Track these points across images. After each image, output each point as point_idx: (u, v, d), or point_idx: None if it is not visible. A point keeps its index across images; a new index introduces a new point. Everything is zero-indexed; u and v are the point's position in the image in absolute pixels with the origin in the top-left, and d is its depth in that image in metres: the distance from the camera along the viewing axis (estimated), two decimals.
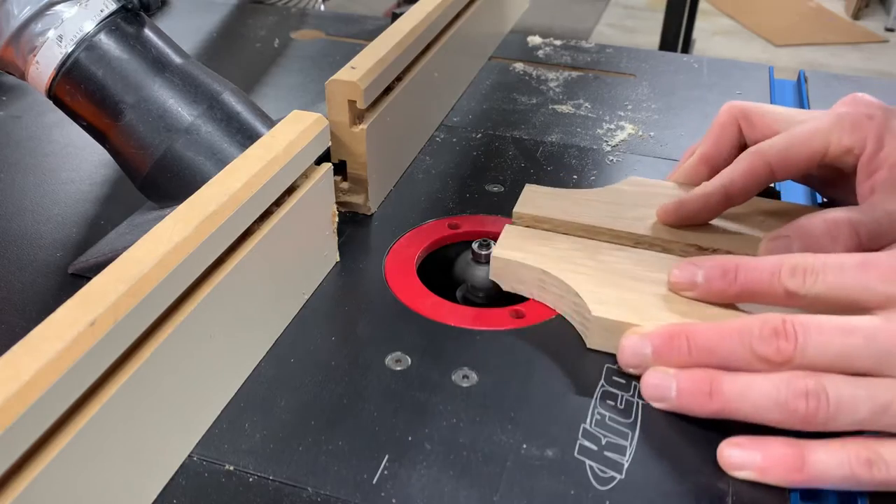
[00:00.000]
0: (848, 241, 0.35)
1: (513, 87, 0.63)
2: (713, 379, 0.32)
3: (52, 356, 0.24)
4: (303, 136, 0.38)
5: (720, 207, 0.40)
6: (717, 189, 0.39)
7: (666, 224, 0.41)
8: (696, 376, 0.32)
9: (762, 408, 0.30)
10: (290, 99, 0.62)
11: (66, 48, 0.39)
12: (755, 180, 0.39)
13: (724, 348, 0.32)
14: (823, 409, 0.30)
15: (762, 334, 0.31)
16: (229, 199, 0.33)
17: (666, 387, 0.33)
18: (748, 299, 0.35)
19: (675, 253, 0.40)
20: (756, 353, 0.31)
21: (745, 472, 0.30)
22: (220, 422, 0.33)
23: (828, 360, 0.30)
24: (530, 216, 0.42)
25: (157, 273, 0.28)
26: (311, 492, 0.30)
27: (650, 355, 0.34)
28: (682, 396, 0.32)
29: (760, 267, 0.34)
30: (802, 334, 0.31)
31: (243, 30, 0.75)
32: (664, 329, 0.34)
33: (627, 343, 0.34)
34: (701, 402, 0.32)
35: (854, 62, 2.58)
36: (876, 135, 0.37)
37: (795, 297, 0.33)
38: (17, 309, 0.39)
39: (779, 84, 0.65)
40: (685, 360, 0.33)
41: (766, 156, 0.39)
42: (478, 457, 0.32)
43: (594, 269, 0.38)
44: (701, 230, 0.41)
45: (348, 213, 0.47)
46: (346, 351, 0.37)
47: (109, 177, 0.51)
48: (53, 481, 0.24)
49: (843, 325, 0.31)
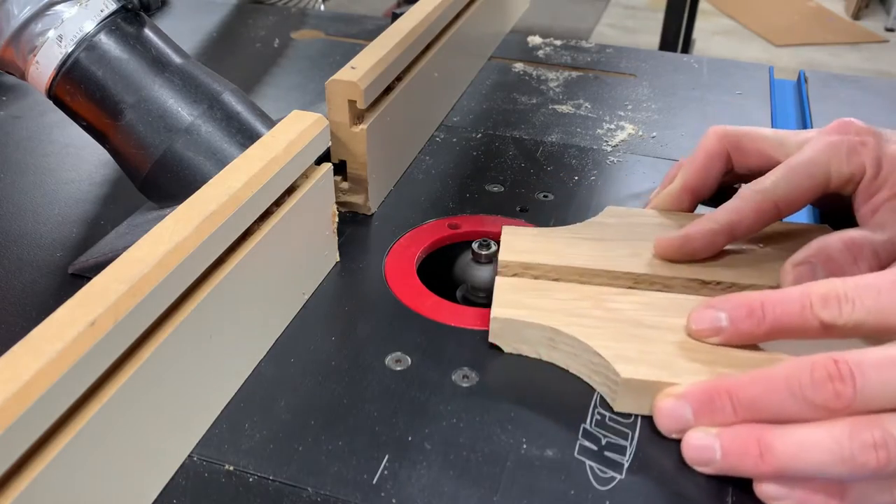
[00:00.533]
0: (870, 261, 0.34)
1: (513, 87, 0.63)
2: (761, 437, 0.29)
3: (52, 356, 0.24)
4: (303, 136, 0.38)
5: (723, 244, 0.38)
6: (723, 227, 0.38)
7: (665, 259, 0.39)
8: (741, 435, 0.30)
9: (824, 464, 0.28)
10: (290, 99, 0.62)
11: (66, 48, 0.39)
12: (762, 221, 0.38)
13: (773, 401, 0.29)
14: (895, 458, 0.27)
15: (815, 380, 0.28)
16: (229, 199, 0.33)
17: (710, 448, 0.30)
18: (779, 336, 0.32)
19: (677, 290, 0.38)
20: (810, 403, 0.28)
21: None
22: (220, 422, 0.33)
23: (889, 397, 0.28)
24: (518, 263, 0.38)
25: (157, 273, 0.28)
26: (311, 492, 0.30)
27: (691, 418, 0.31)
28: (729, 458, 0.30)
29: (788, 300, 0.32)
30: (860, 375, 0.28)
31: (243, 30, 0.75)
32: (702, 388, 0.31)
33: (664, 407, 0.32)
34: (752, 464, 0.29)
35: (854, 62, 2.58)
36: (873, 159, 0.37)
37: (832, 329, 0.31)
38: (17, 309, 0.39)
39: (779, 84, 0.65)
40: (730, 420, 0.30)
41: (773, 196, 0.37)
42: (478, 457, 0.32)
43: (605, 320, 0.35)
44: (700, 263, 0.39)
45: (348, 213, 0.47)
46: (346, 351, 0.37)
47: (109, 177, 0.51)
48: (53, 481, 0.24)
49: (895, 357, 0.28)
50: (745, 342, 0.33)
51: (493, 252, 0.41)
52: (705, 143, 0.42)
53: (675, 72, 0.66)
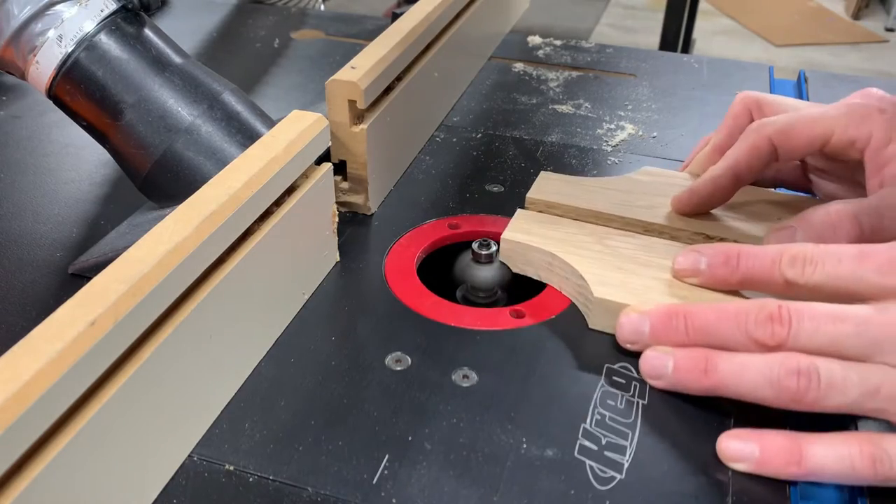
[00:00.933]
0: (850, 232, 0.36)
1: (513, 87, 0.63)
2: (709, 357, 0.33)
3: (52, 356, 0.24)
4: (303, 136, 0.38)
5: (731, 189, 0.41)
6: (724, 171, 0.40)
7: (680, 213, 0.42)
8: (692, 354, 0.33)
9: (755, 385, 0.31)
10: (290, 99, 0.62)
11: (66, 48, 0.39)
12: (759, 156, 0.39)
13: (721, 329, 0.33)
14: (815, 387, 0.30)
15: (758, 318, 0.32)
16: (229, 199, 0.33)
17: (663, 364, 0.34)
18: (749, 287, 0.36)
19: (683, 241, 0.41)
20: (751, 336, 0.32)
21: (743, 464, 0.31)
22: (220, 422, 0.33)
23: (819, 345, 0.31)
24: (543, 202, 0.43)
25: (157, 273, 0.28)
26: (311, 492, 0.30)
27: (648, 333, 0.35)
28: (679, 373, 0.33)
29: (762, 255, 0.34)
30: (796, 320, 0.31)
31: (243, 30, 0.75)
32: (662, 308, 0.35)
33: (626, 320, 0.35)
34: (696, 377, 0.33)
35: (854, 62, 2.58)
36: (884, 128, 0.37)
37: (794, 286, 0.33)
38: (17, 309, 0.39)
39: (779, 84, 0.65)
40: (682, 340, 0.34)
41: (767, 131, 0.39)
42: (478, 457, 0.32)
43: (601, 253, 0.39)
44: (709, 219, 0.41)
45: (348, 213, 0.47)
46: (346, 351, 0.37)
47: (109, 177, 0.51)
48: (53, 481, 0.24)
49: (835, 313, 0.31)
50: (720, 287, 0.36)
51: (493, 252, 0.41)
52: (732, 106, 0.45)
53: (675, 72, 0.66)
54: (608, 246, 0.40)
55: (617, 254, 0.39)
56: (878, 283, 0.31)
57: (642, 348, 0.35)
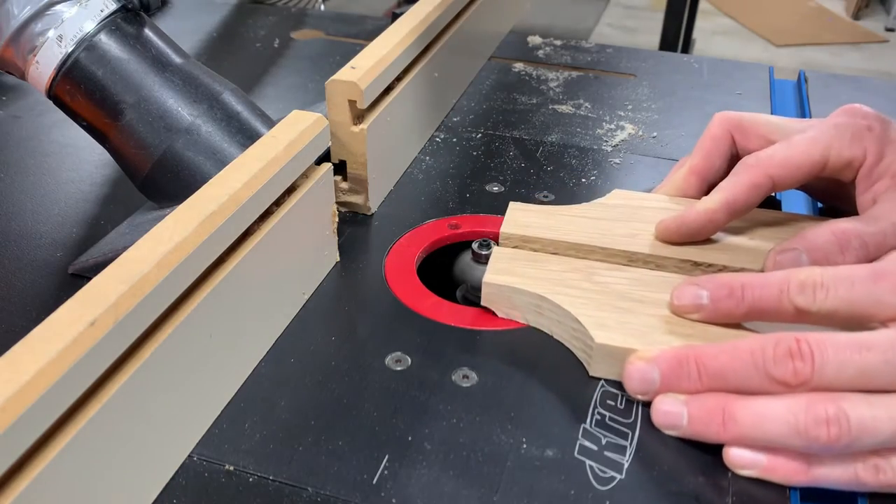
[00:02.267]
0: (858, 252, 0.35)
1: (513, 87, 0.63)
2: (726, 406, 0.31)
3: (52, 356, 0.24)
4: (303, 136, 0.38)
5: (723, 223, 0.38)
6: (720, 205, 0.38)
7: (666, 241, 0.39)
8: (707, 404, 0.31)
9: (780, 435, 0.29)
10: (290, 99, 0.62)
11: (66, 48, 0.39)
12: (757, 194, 0.38)
13: (737, 372, 0.31)
14: (846, 434, 0.28)
15: (776, 356, 0.30)
16: (229, 199, 0.33)
17: (677, 415, 0.32)
18: (757, 318, 0.34)
19: (670, 270, 0.39)
20: (771, 376, 0.30)
21: (750, 470, 0.30)
22: (220, 422, 0.33)
23: (846, 379, 0.29)
24: (518, 237, 0.40)
25: (157, 273, 0.28)
26: (311, 492, 0.30)
27: (658, 381, 0.32)
28: (695, 425, 0.31)
29: (768, 284, 0.33)
30: (819, 354, 0.29)
31: (243, 30, 0.75)
32: (671, 353, 0.32)
33: (634, 369, 0.33)
34: (715, 431, 0.31)
35: (854, 62, 2.58)
36: (876, 146, 0.37)
37: (806, 314, 0.32)
38: (17, 309, 0.39)
39: (779, 84, 0.65)
40: (696, 387, 0.32)
41: (767, 168, 0.37)
42: (478, 457, 0.32)
43: (592, 291, 0.37)
44: (694, 245, 0.39)
45: (348, 213, 0.47)
46: (346, 351, 0.37)
47: (109, 177, 0.51)
48: (53, 481, 0.24)
49: (859, 342, 0.29)
50: (724, 321, 0.34)
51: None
52: (710, 127, 0.43)
53: (675, 72, 0.66)
54: (597, 283, 0.37)
55: (609, 291, 0.37)
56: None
57: (653, 397, 0.33)
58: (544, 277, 0.38)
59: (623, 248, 0.39)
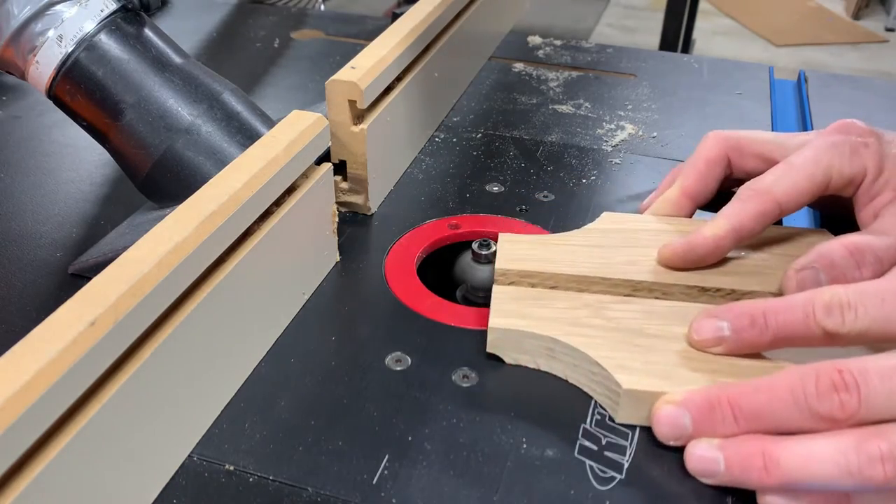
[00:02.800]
0: (874, 267, 0.34)
1: (513, 87, 0.63)
2: (765, 449, 0.28)
3: (52, 356, 0.24)
4: (303, 136, 0.38)
5: (729, 249, 0.37)
6: (728, 232, 0.37)
7: (669, 267, 0.38)
8: (746, 448, 0.29)
9: (830, 476, 0.27)
10: (290, 99, 0.62)
11: (66, 48, 0.39)
12: (764, 221, 0.37)
13: (777, 412, 0.29)
14: None
15: (819, 391, 0.28)
16: (229, 199, 0.33)
17: (714, 461, 0.29)
18: (783, 345, 0.32)
19: (677, 297, 0.37)
20: (815, 413, 0.28)
21: None
22: (220, 422, 0.33)
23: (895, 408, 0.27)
24: (515, 272, 0.38)
25: (157, 273, 0.28)
26: (311, 492, 0.30)
27: (690, 427, 0.30)
28: (734, 471, 0.29)
29: (791, 308, 0.31)
30: (864, 384, 0.27)
31: (243, 30, 0.75)
32: (702, 395, 0.30)
33: (663, 416, 0.31)
34: (757, 476, 0.28)
35: (854, 62, 2.58)
36: (874, 162, 0.37)
37: (837, 338, 0.30)
38: (17, 309, 0.39)
39: (779, 84, 0.65)
40: (732, 430, 0.30)
41: (774, 195, 0.37)
42: (478, 457, 0.32)
43: (605, 329, 0.35)
44: (699, 269, 0.38)
45: (348, 213, 0.47)
46: (346, 351, 0.37)
47: (109, 177, 0.51)
48: (53, 481, 0.24)
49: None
50: (748, 351, 0.33)
51: (493, 252, 0.41)
52: (704, 148, 0.42)
53: (675, 72, 0.66)
54: (609, 319, 0.35)
55: (622, 328, 0.35)
56: None
57: (687, 442, 0.31)
58: (553, 317, 0.35)
59: (626, 276, 0.37)
